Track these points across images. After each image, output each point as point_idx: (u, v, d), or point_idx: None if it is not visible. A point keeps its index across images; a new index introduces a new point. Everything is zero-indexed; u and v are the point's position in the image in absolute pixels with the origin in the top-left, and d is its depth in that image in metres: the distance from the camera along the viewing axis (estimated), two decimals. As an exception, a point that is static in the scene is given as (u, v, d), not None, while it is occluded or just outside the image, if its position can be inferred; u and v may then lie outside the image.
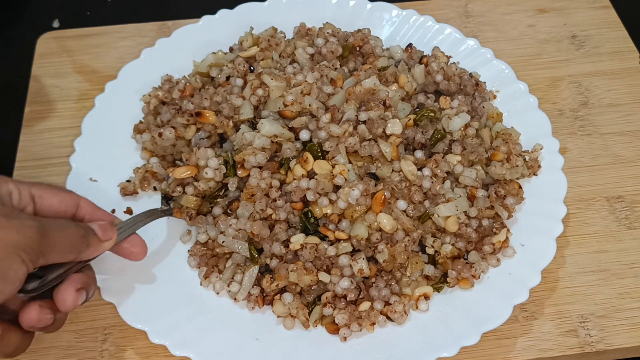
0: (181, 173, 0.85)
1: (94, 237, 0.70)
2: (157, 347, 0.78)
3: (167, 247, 0.87)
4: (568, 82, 1.06)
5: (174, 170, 0.85)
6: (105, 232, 0.71)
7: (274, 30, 1.00)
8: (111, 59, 1.09)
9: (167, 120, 0.92)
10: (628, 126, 1.01)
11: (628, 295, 0.84)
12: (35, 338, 0.81)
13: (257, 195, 0.81)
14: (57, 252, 0.65)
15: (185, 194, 0.85)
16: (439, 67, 0.93)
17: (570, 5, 1.16)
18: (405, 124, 0.86)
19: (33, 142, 0.99)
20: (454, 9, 1.15)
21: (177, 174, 0.85)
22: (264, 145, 0.83)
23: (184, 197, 0.85)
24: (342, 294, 0.79)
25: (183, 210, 0.86)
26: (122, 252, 0.76)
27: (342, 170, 0.81)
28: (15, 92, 1.06)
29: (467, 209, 0.83)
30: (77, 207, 0.72)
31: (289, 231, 0.82)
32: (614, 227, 0.90)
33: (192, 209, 0.85)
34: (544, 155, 0.91)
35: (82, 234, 0.68)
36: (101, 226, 0.71)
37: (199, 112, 0.88)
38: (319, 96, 0.88)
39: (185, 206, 0.85)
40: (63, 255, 0.66)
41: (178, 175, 0.85)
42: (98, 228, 0.71)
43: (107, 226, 0.72)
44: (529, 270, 0.81)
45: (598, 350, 0.80)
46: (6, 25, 1.20)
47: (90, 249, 0.69)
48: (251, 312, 0.81)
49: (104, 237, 0.71)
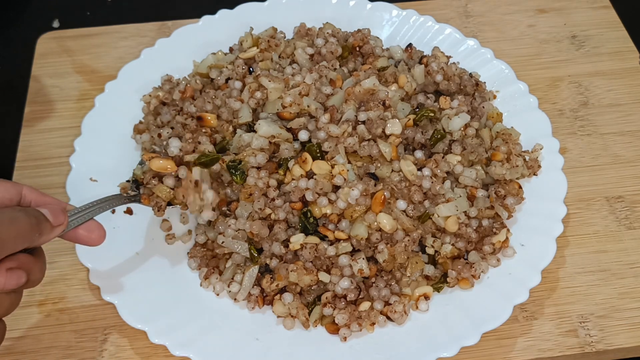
0: (159, 167, 0.80)
1: (45, 223, 0.67)
2: (157, 347, 0.78)
3: (167, 246, 0.87)
4: (568, 82, 1.06)
5: (151, 160, 0.80)
6: (56, 217, 0.68)
7: (274, 31, 1.00)
8: (111, 59, 1.09)
9: (167, 120, 0.92)
10: (628, 126, 1.01)
11: (628, 295, 0.84)
12: (35, 338, 0.81)
13: (256, 194, 0.81)
14: (9, 247, 0.63)
15: (161, 184, 0.81)
16: (439, 67, 0.93)
17: (570, 5, 1.16)
18: (405, 124, 0.86)
19: (33, 142, 0.99)
20: (454, 9, 1.15)
21: (154, 165, 0.80)
22: (262, 146, 0.83)
23: (158, 186, 0.81)
24: (342, 294, 0.79)
25: (153, 199, 0.81)
26: (79, 238, 0.73)
27: (342, 171, 0.81)
28: (15, 92, 1.06)
29: (467, 209, 0.83)
30: (20, 196, 0.69)
31: (289, 231, 0.82)
32: (614, 227, 0.90)
33: (163, 200, 0.81)
34: (544, 155, 0.91)
35: (33, 222, 0.65)
36: (52, 211, 0.68)
37: (200, 115, 0.87)
38: (318, 97, 0.88)
39: (156, 194, 0.81)
40: (15, 247, 0.64)
41: (155, 167, 0.80)
42: (49, 213, 0.68)
43: (57, 210, 0.69)
44: (529, 270, 0.81)
45: (598, 350, 0.80)
46: (6, 25, 1.20)
47: (43, 237, 0.67)
48: (251, 312, 0.81)
49: (55, 222, 0.68)
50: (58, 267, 0.87)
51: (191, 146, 0.82)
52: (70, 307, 0.84)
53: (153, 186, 0.80)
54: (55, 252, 0.87)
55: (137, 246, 0.86)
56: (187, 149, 0.82)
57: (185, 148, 0.81)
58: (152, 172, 0.81)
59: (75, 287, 0.85)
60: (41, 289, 0.85)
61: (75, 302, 0.84)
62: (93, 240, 0.73)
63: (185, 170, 0.80)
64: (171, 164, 0.80)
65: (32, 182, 0.94)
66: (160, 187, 0.80)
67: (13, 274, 0.64)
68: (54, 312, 0.84)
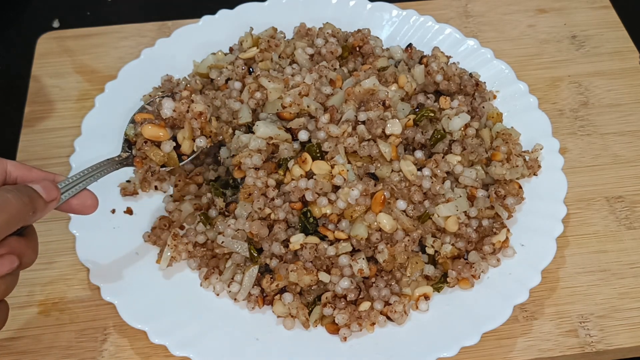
0: (151, 135, 0.78)
1: (39, 200, 0.64)
2: (157, 347, 0.78)
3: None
4: (568, 82, 1.06)
5: (143, 126, 0.79)
6: (49, 192, 0.66)
7: (273, 31, 1.00)
8: (111, 59, 1.09)
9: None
10: (628, 126, 1.01)
11: (628, 295, 0.84)
12: (35, 338, 0.81)
13: (255, 194, 0.81)
14: (3, 231, 0.61)
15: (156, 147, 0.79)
16: (439, 67, 0.93)
17: (570, 5, 1.16)
18: (405, 124, 0.86)
19: (33, 142, 0.99)
20: (454, 9, 1.15)
21: (145, 133, 0.78)
22: (260, 147, 0.83)
23: (153, 149, 0.80)
24: (342, 294, 0.79)
25: (146, 162, 0.81)
26: (73, 208, 0.70)
27: (341, 171, 0.81)
28: (15, 92, 1.06)
29: (467, 209, 0.83)
30: (5, 173, 0.67)
31: (289, 231, 0.82)
32: (614, 227, 0.90)
33: (156, 164, 0.80)
34: (544, 155, 0.91)
35: (25, 201, 0.63)
36: (45, 186, 0.65)
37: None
38: (318, 97, 0.88)
39: (149, 158, 0.80)
40: (7, 232, 0.62)
41: (147, 135, 0.79)
42: (42, 189, 0.65)
43: (50, 185, 0.66)
44: (529, 270, 0.81)
45: (598, 350, 0.80)
46: (6, 25, 1.20)
47: (37, 214, 0.65)
48: (251, 312, 0.81)
49: (49, 198, 0.66)
50: (58, 267, 0.87)
51: (185, 107, 0.80)
52: (70, 307, 0.84)
53: (146, 150, 0.79)
54: (55, 252, 0.87)
55: (137, 246, 0.86)
56: (181, 109, 0.80)
57: (179, 109, 0.80)
58: (143, 138, 0.80)
59: (75, 287, 0.85)
60: (41, 289, 0.85)
61: (75, 302, 0.84)
62: (87, 209, 0.71)
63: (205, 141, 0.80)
64: (164, 131, 0.79)
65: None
66: (154, 150, 0.79)
67: (4, 259, 0.63)
68: (54, 312, 0.84)
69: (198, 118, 0.80)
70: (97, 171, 0.76)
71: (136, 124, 0.81)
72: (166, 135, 0.80)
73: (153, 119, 0.82)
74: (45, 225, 0.87)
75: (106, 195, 0.89)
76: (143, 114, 0.83)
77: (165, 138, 0.80)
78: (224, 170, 0.89)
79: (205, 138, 0.82)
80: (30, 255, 0.67)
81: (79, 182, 0.72)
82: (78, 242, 0.84)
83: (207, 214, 0.86)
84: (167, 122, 0.81)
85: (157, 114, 0.81)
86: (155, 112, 0.83)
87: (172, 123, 0.81)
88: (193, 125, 0.80)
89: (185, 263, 0.85)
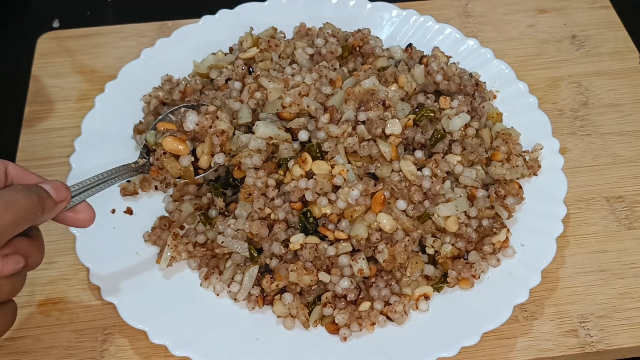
0: (171, 148, 0.78)
1: (48, 200, 0.64)
2: (157, 347, 0.78)
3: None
4: (568, 82, 1.06)
5: (164, 139, 0.78)
6: (59, 192, 0.65)
7: (273, 31, 1.00)
8: (111, 59, 1.09)
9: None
10: (628, 126, 1.01)
11: (628, 295, 0.84)
12: (35, 338, 0.81)
13: (255, 194, 0.81)
14: (11, 230, 0.60)
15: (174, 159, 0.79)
16: (439, 67, 0.93)
17: (570, 5, 1.16)
18: (405, 124, 0.86)
19: (33, 142, 0.99)
20: (454, 9, 1.15)
21: (166, 145, 0.78)
22: (260, 147, 0.83)
23: (171, 161, 0.80)
24: (342, 294, 0.79)
25: (162, 173, 0.80)
26: (66, 220, 0.69)
27: (341, 171, 0.81)
28: (15, 92, 1.06)
29: (467, 209, 0.83)
30: (5, 174, 0.65)
31: (288, 231, 0.82)
32: (614, 227, 0.90)
33: (172, 176, 0.80)
34: (544, 155, 0.91)
35: (35, 200, 0.62)
36: (55, 186, 0.65)
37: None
38: (318, 97, 0.88)
39: (166, 169, 0.80)
40: (14, 232, 0.61)
41: (167, 148, 0.79)
42: (52, 189, 0.64)
43: (60, 185, 0.65)
44: (529, 270, 0.81)
45: (598, 350, 0.80)
46: (6, 25, 1.20)
47: (45, 215, 0.64)
48: (251, 312, 0.81)
49: (59, 198, 0.65)
50: (58, 267, 0.87)
51: (209, 122, 0.80)
52: (70, 307, 0.84)
53: (164, 160, 0.79)
54: (55, 252, 0.87)
55: (137, 246, 0.86)
56: (204, 124, 0.80)
57: (202, 123, 0.80)
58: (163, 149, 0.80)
59: (75, 287, 0.85)
60: (41, 289, 0.85)
61: (75, 302, 0.84)
62: (82, 222, 0.69)
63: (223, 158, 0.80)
64: (184, 145, 0.78)
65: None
66: (172, 162, 0.79)
67: (10, 259, 0.62)
68: (54, 312, 0.84)
69: (220, 136, 0.80)
70: (112, 177, 0.75)
71: (157, 132, 0.81)
72: (186, 150, 0.80)
73: (175, 129, 0.82)
74: (46, 225, 0.86)
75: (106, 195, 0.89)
76: (166, 122, 0.82)
77: (185, 153, 0.80)
78: (224, 170, 0.89)
79: (224, 155, 0.82)
80: (36, 257, 0.66)
81: (93, 187, 0.71)
82: (78, 242, 0.84)
83: (207, 214, 0.86)
84: (188, 135, 0.81)
85: (180, 125, 0.81)
86: (179, 122, 0.82)
87: (192, 136, 0.81)
88: (214, 141, 0.81)
89: (185, 263, 0.85)
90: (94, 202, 0.83)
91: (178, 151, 0.80)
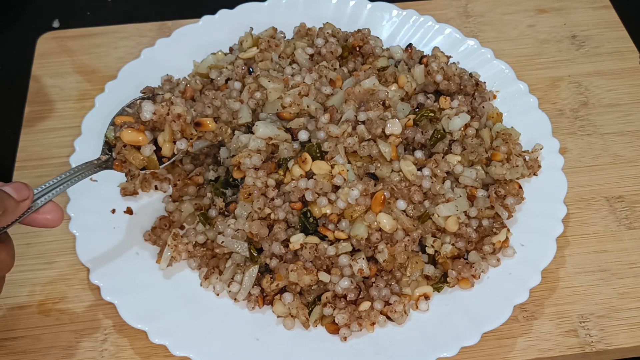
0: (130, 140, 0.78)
1: (9, 200, 0.63)
2: (157, 347, 0.78)
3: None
4: (568, 82, 1.06)
5: (122, 131, 0.78)
6: (20, 192, 0.64)
7: (273, 31, 1.00)
8: (111, 59, 1.09)
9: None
10: (628, 126, 1.01)
11: (628, 295, 0.84)
12: (35, 338, 0.81)
13: (255, 194, 0.81)
14: None
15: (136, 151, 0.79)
16: (439, 67, 0.93)
17: (570, 5, 1.16)
18: (405, 124, 0.86)
19: (33, 142, 0.99)
20: (454, 9, 1.15)
21: (125, 137, 0.78)
22: (259, 147, 0.83)
23: (132, 153, 0.79)
24: (342, 294, 0.79)
25: (126, 166, 0.80)
26: (35, 221, 0.68)
27: (341, 171, 0.81)
28: (15, 92, 1.06)
29: (467, 209, 0.83)
30: None
31: (288, 231, 0.82)
32: (614, 227, 0.90)
33: (136, 167, 0.80)
34: (544, 155, 0.91)
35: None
36: (15, 187, 0.64)
37: (199, 121, 0.84)
38: (318, 97, 0.88)
39: (129, 162, 0.79)
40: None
41: (126, 140, 0.78)
42: (12, 189, 0.64)
43: (20, 185, 0.65)
44: (529, 270, 0.81)
45: (598, 350, 0.80)
46: (6, 25, 1.20)
47: (8, 215, 0.63)
48: (251, 312, 0.81)
49: (20, 197, 0.64)
50: (58, 267, 0.87)
51: (165, 109, 0.80)
52: (70, 307, 0.84)
53: (126, 153, 0.78)
54: (55, 252, 0.87)
55: (137, 246, 0.86)
56: (161, 112, 0.79)
57: (159, 111, 0.79)
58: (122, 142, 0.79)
59: (75, 287, 0.85)
60: (41, 289, 0.85)
61: (75, 302, 0.84)
62: (50, 222, 0.69)
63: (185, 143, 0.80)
64: (143, 135, 0.78)
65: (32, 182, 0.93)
66: (134, 153, 0.79)
67: None
68: (54, 312, 0.84)
69: (177, 120, 0.79)
70: (75, 175, 0.75)
71: (116, 126, 0.81)
72: (145, 140, 0.79)
73: (133, 122, 0.81)
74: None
75: (106, 195, 0.89)
76: (123, 116, 0.81)
77: (145, 142, 0.79)
78: (224, 170, 0.89)
79: (186, 140, 0.82)
80: (5, 260, 0.65)
81: (57, 186, 0.71)
82: (78, 242, 0.84)
83: (207, 214, 0.86)
84: (147, 125, 0.80)
85: (137, 117, 0.80)
86: (135, 114, 0.81)
87: (152, 125, 0.81)
88: (173, 127, 0.80)
89: (185, 263, 0.85)
90: (94, 202, 0.84)
91: (138, 142, 0.79)
